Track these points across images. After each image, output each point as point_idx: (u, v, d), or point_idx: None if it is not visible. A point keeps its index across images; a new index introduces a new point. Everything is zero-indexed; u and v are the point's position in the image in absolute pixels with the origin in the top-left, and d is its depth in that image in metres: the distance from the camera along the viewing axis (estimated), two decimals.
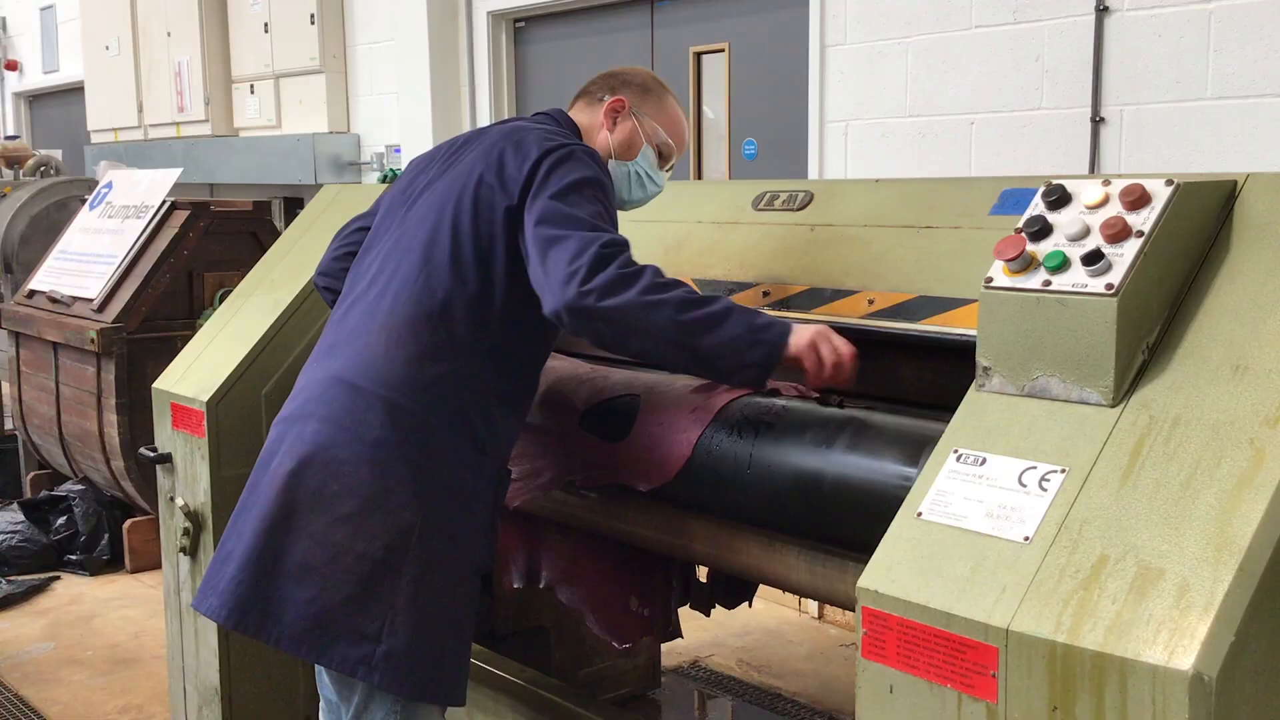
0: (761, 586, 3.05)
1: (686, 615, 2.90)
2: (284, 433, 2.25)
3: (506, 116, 6.93)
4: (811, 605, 4.42)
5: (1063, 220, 1.72)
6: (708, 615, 2.98)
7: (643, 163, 2.48)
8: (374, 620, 2.12)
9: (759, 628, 4.35)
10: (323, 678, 2.35)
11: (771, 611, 4.46)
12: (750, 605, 2.97)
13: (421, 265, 2.24)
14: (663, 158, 2.52)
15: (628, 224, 2.84)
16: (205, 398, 3.09)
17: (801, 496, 2.08)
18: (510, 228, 2.21)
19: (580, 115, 2.52)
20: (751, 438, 2.18)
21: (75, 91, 10.76)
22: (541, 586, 2.79)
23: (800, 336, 2.11)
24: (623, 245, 2.11)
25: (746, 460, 2.16)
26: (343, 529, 2.12)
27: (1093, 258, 1.63)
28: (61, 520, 5.32)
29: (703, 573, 3.03)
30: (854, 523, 1.99)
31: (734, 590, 2.90)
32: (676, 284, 2.11)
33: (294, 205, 7.82)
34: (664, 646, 3.79)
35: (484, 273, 2.21)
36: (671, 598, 2.83)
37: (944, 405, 1.98)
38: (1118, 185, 1.70)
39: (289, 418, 2.28)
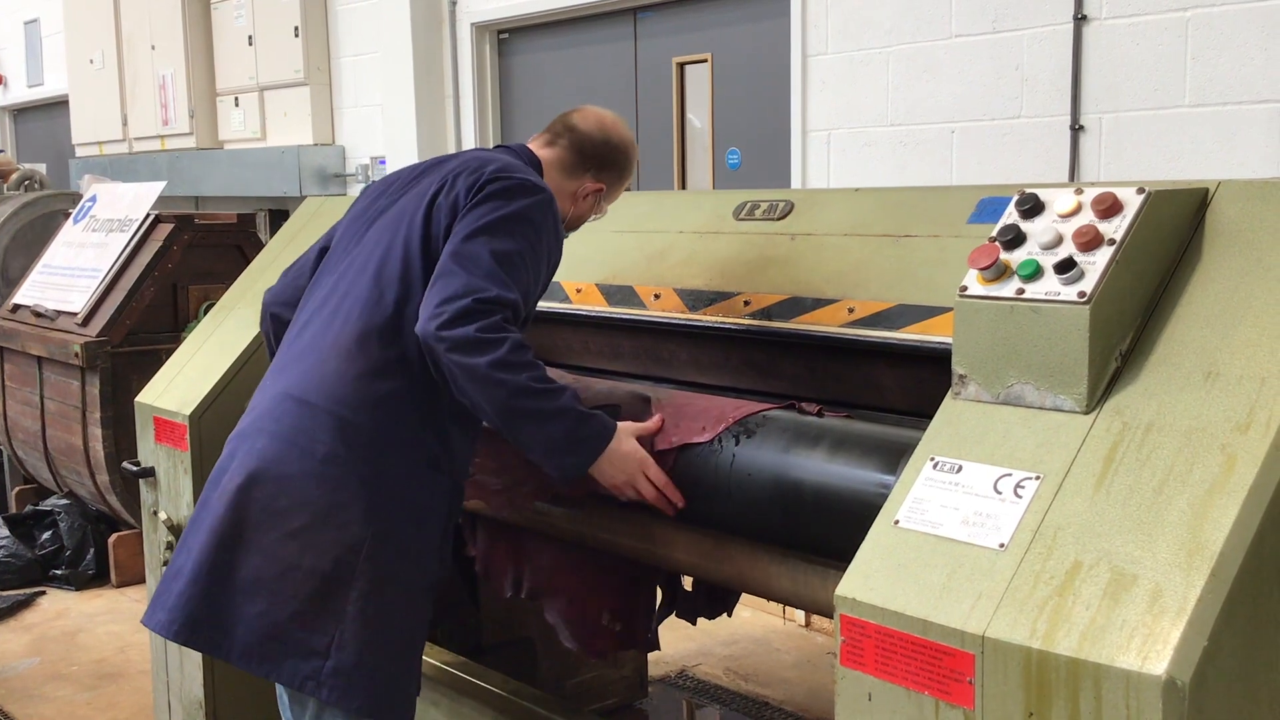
0: (747, 595, 3.06)
1: (673, 625, 2.90)
2: (235, 449, 2.25)
3: (492, 128, 6.95)
4: (798, 613, 4.43)
5: (1035, 229, 1.73)
6: (694, 624, 2.98)
7: (571, 233, 2.53)
8: (323, 635, 2.11)
9: (746, 636, 4.35)
10: (282, 698, 2.34)
11: (758, 620, 4.46)
12: (730, 615, 2.97)
13: (374, 282, 2.24)
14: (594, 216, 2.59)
15: (614, 235, 2.86)
16: (188, 411, 3.09)
17: (781, 504, 2.09)
18: None
19: (552, 172, 2.46)
20: (732, 446, 2.18)
21: (59, 105, 10.74)
22: (523, 597, 2.79)
23: (607, 470, 2.19)
24: (501, 305, 2.08)
25: (727, 469, 2.17)
26: (292, 544, 2.12)
27: (1065, 266, 1.64)
28: (47, 535, 5.31)
29: (688, 581, 3.04)
30: (833, 530, 2.00)
31: (715, 600, 2.90)
32: (528, 366, 2.09)
33: (279, 218, 7.81)
34: (651, 656, 3.79)
35: None
36: (653, 610, 2.83)
37: (924, 413, 1.99)
38: (1090, 194, 1.72)
39: (241, 434, 2.27)
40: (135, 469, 3.28)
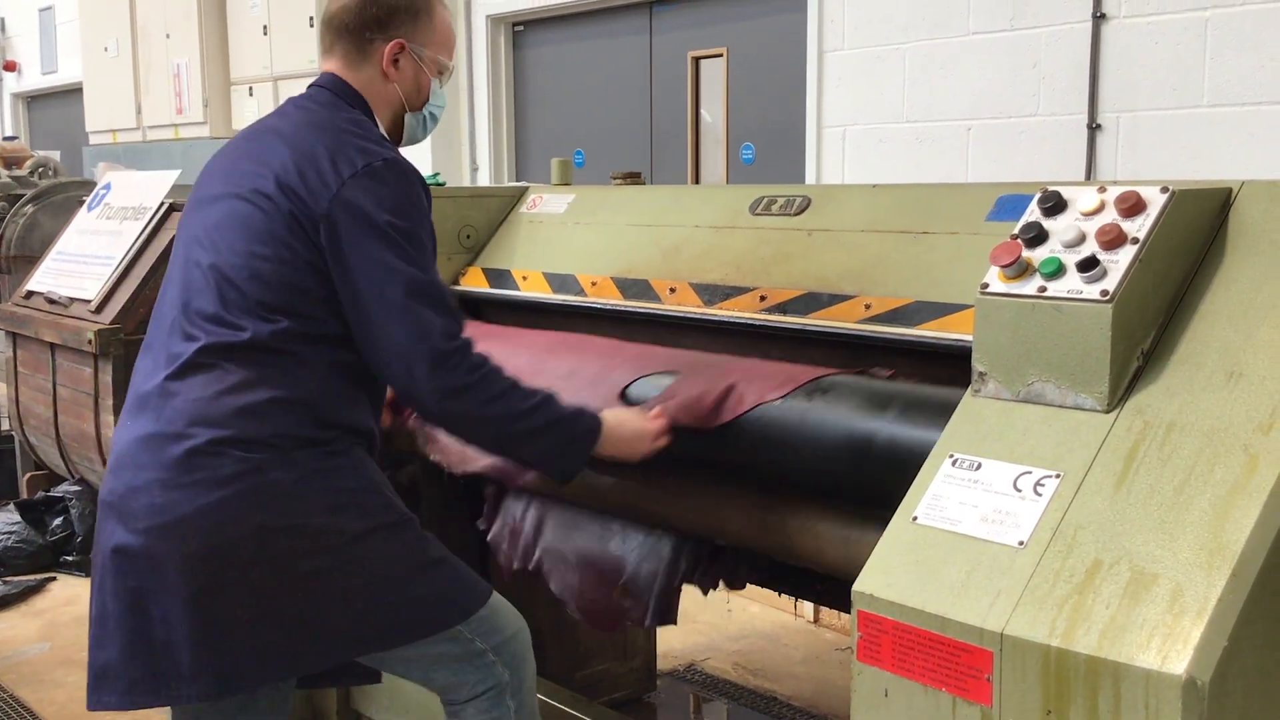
0: (756, 591, 3.03)
1: (681, 618, 2.89)
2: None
3: (506, 119, 6.94)
4: (807, 609, 4.43)
5: (1058, 227, 1.73)
6: (707, 592, 2.90)
7: (434, 101, 2.33)
8: (342, 616, 2.09)
9: (755, 631, 4.35)
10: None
11: (767, 615, 4.46)
12: (730, 589, 2.90)
13: (218, 298, 2.09)
14: (443, 72, 2.33)
15: (629, 229, 2.86)
16: None
17: (852, 458, 2.04)
18: (313, 248, 2.08)
19: (354, 73, 2.25)
20: (804, 403, 2.14)
21: (74, 92, 10.76)
22: (530, 569, 2.76)
23: (620, 453, 2.23)
24: (458, 330, 2.08)
25: (798, 424, 2.13)
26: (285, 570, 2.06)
27: (1088, 264, 1.64)
28: (58, 521, 5.32)
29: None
30: (901, 484, 1.94)
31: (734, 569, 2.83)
32: (510, 389, 2.11)
33: None
34: (659, 650, 3.80)
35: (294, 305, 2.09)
36: (669, 587, 2.79)
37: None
38: (1113, 192, 1.71)
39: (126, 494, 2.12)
40: None
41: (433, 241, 2.17)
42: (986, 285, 1.73)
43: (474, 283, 3.07)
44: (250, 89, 8.27)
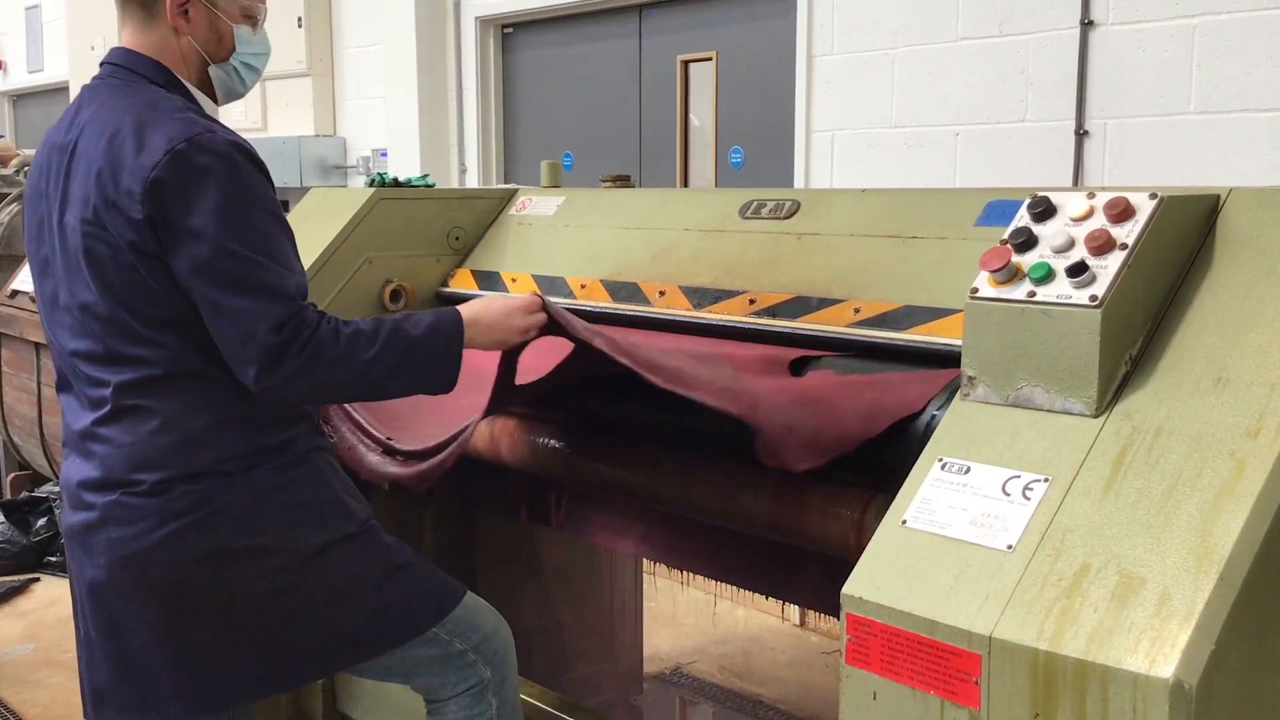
0: (743, 594, 3.05)
1: (668, 622, 2.90)
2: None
3: (495, 122, 6.92)
4: (793, 612, 4.43)
5: (1048, 232, 1.73)
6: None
7: (243, 50, 2.19)
8: (316, 628, 2.10)
9: (740, 635, 4.35)
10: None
11: (753, 619, 4.47)
12: None
13: (102, 339, 2.00)
14: (251, 18, 2.20)
15: (619, 232, 2.86)
16: None
17: None
18: (144, 256, 1.95)
19: (146, 37, 2.12)
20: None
21: (60, 91, 10.72)
22: None
23: (490, 344, 2.16)
24: (292, 310, 1.93)
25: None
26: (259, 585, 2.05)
27: (1077, 269, 1.65)
28: (42, 521, 5.30)
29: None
30: None
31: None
32: (350, 343, 1.97)
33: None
34: (646, 653, 3.80)
35: (169, 328, 1.99)
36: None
37: None
38: (1102, 198, 1.72)
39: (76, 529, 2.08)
40: None
41: (264, 206, 2.03)
42: (976, 290, 1.74)
43: (463, 284, 3.07)
44: None
